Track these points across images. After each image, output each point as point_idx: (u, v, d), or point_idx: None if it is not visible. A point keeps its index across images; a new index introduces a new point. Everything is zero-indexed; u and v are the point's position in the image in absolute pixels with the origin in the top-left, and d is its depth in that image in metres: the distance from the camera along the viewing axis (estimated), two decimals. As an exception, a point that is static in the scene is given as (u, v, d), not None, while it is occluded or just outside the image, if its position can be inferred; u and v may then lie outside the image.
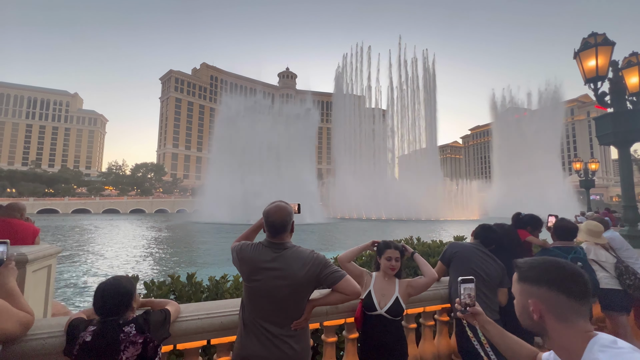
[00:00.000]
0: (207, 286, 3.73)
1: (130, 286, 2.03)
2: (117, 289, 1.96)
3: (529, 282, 1.24)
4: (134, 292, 2.04)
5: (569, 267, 1.18)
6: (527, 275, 1.25)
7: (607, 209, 17.86)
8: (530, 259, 1.31)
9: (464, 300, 1.77)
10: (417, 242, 5.97)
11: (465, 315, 1.75)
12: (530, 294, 1.22)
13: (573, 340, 1.12)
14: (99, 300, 1.93)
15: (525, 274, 1.26)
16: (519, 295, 1.28)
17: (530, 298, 1.21)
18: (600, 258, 4.37)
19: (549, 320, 1.17)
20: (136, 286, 2.10)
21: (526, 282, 1.25)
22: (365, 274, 2.98)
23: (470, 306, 1.74)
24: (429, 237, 7.25)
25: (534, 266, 1.24)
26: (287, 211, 2.28)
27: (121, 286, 1.98)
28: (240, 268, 2.28)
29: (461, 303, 1.77)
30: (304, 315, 2.22)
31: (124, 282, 2.01)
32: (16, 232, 3.85)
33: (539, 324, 1.19)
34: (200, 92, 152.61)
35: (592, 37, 5.75)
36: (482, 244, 3.47)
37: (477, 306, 1.74)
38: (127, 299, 1.97)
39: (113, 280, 2.00)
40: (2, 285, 2.06)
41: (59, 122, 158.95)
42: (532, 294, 1.21)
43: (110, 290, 1.94)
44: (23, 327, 1.96)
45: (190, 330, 2.40)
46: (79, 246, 23.75)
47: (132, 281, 2.08)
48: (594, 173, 23.72)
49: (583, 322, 1.13)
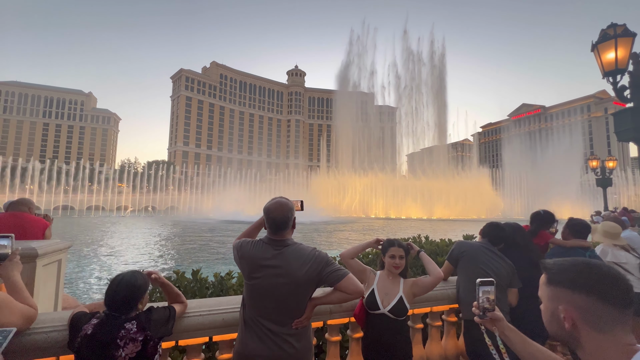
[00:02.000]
0: (212, 282, 3.74)
1: (144, 283, 2.03)
2: (132, 283, 1.96)
3: (560, 285, 1.08)
4: (146, 289, 2.04)
5: (608, 270, 1.03)
6: (559, 278, 1.09)
7: (625, 208, 17.28)
8: (560, 259, 1.15)
9: (482, 304, 1.63)
10: (425, 240, 5.86)
11: (484, 321, 1.62)
12: (562, 299, 1.06)
13: (612, 353, 0.97)
14: (111, 291, 1.93)
15: (556, 277, 1.10)
16: (548, 301, 1.12)
17: (561, 304, 1.06)
18: (620, 260, 4.07)
19: (583, 329, 1.01)
20: (149, 284, 2.09)
21: (557, 286, 1.09)
22: (369, 272, 2.92)
23: (490, 311, 1.61)
24: (438, 235, 7.12)
25: (566, 268, 1.09)
26: (288, 207, 2.23)
27: (136, 281, 1.98)
28: (240, 265, 2.25)
29: (479, 307, 1.64)
30: (305, 314, 2.17)
31: (139, 278, 2.01)
32: (25, 226, 3.92)
33: (571, 333, 1.04)
34: (210, 91, 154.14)
35: (612, 29, 5.50)
36: (490, 243, 3.37)
37: (497, 311, 1.61)
38: (137, 295, 1.97)
39: (130, 274, 2.00)
40: (7, 279, 2.08)
41: (74, 121, 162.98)
42: (564, 299, 1.06)
43: (124, 284, 1.94)
44: (26, 321, 1.98)
45: (192, 327, 2.39)
46: (91, 242, 24.33)
47: (146, 279, 2.08)
48: (611, 171, 22.96)
49: (624, 333, 0.98)
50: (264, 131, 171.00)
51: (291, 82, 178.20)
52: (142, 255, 18.65)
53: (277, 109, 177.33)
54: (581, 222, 3.95)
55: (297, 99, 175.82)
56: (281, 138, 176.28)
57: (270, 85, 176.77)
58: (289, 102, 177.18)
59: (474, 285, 3.23)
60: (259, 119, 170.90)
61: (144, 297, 2.02)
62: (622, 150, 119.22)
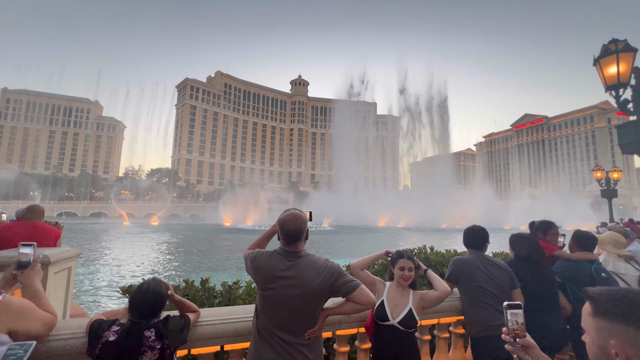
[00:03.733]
0: (219, 291, 3.77)
1: (166, 291, 2.11)
2: (158, 292, 2.02)
3: (610, 318, 1.00)
4: (167, 297, 2.11)
5: None
6: (609, 310, 1.01)
7: (631, 220, 17.10)
8: (607, 289, 1.09)
9: (512, 327, 1.52)
10: (430, 251, 5.86)
11: (515, 349, 1.50)
12: (613, 333, 0.99)
13: None
14: (137, 299, 1.98)
15: (606, 308, 1.02)
16: (596, 333, 1.04)
17: (612, 338, 0.98)
18: (619, 270, 4.10)
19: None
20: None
21: (606, 319, 1.01)
22: (379, 283, 2.95)
23: (521, 337, 1.50)
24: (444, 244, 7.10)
25: (617, 299, 1.02)
26: (302, 219, 2.29)
27: (162, 291, 2.05)
28: (254, 276, 2.29)
29: (510, 333, 1.53)
30: (317, 325, 2.21)
31: (163, 288, 2.08)
32: (39, 235, 4.00)
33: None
34: (214, 100, 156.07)
35: (613, 44, 5.59)
36: (476, 250, 3.44)
37: (528, 337, 1.52)
38: (162, 303, 2.04)
39: (155, 283, 2.06)
40: (28, 287, 2.14)
41: (80, 129, 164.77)
42: (616, 333, 0.98)
43: (152, 293, 2.00)
44: (47, 328, 2.03)
45: (204, 336, 2.42)
46: (97, 249, 24.35)
47: (167, 287, 2.14)
48: (616, 182, 22.81)
49: None
50: (267, 139, 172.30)
51: (294, 91, 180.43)
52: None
53: (281, 117, 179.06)
54: (587, 235, 3.94)
55: (300, 108, 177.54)
56: (284, 146, 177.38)
57: (274, 94, 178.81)
58: (292, 111, 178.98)
59: (475, 304, 3.25)
60: (262, 128, 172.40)
61: (164, 306, 2.08)
62: (626, 161, 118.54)
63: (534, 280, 3.41)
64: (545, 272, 3.48)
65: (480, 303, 3.13)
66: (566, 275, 3.69)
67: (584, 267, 3.67)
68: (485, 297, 3.12)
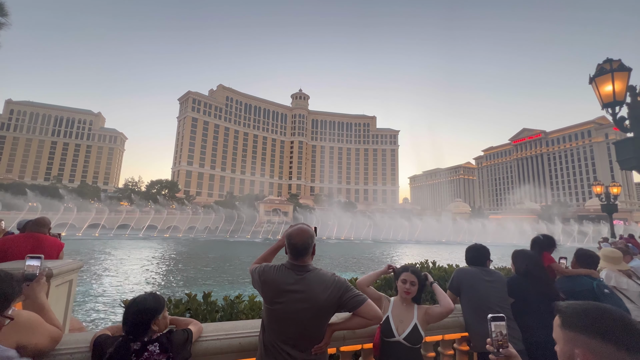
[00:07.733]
0: (222, 306, 3.74)
1: (156, 305, 2.05)
2: (142, 305, 2.00)
3: (575, 330, 1.15)
4: (158, 311, 2.04)
5: (620, 316, 1.11)
6: (574, 323, 1.16)
7: (632, 235, 17.02)
8: (573, 303, 1.23)
9: (495, 338, 1.62)
10: (432, 265, 5.84)
11: (498, 358, 1.61)
12: (577, 343, 1.13)
13: None
14: (124, 315, 2.00)
15: (572, 321, 1.17)
16: (564, 343, 1.19)
17: (577, 348, 1.13)
18: (621, 285, 4.10)
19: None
20: (164, 306, 2.10)
21: (572, 330, 1.16)
22: (384, 299, 2.95)
23: (504, 347, 1.61)
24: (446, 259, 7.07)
25: (581, 313, 1.16)
26: (309, 234, 2.31)
27: (145, 304, 2.01)
28: (262, 291, 2.29)
29: (493, 344, 1.63)
30: (324, 340, 2.20)
31: (149, 301, 2.04)
32: (44, 246, 4.00)
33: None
34: (216, 112, 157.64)
35: (608, 63, 5.76)
36: (481, 265, 3.49)
37: (511, 347, 1.62)
38: (147, 318, 1.98)
39: (142, 297, 2.06)
40: (34, 300, 2.14)
41: (82, 140, 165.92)
42: (580, 343, 1.12)
43: (134, 307, 1.99)
44: (53, 342, 2.02)
45: (209, 351, 2.40)
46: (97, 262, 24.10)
47: (161, 300, 2.10)
48: (616, 197, 22.81)
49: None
50: (267, 152, 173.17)
51: (295, 104, 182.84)
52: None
53: (281, 130, 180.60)
54: (588, 253, 3.95)
55: (301, 121, 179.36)
56: (284, 159, 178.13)
57: (275, 107, 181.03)
58: (292, 124, 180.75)
59: (479, 316, 3.26)
60: (263, 140, 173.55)
61: (157, 319, 2.02)
62: (625, 176, 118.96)
63: (536, 296, 3.40)
64: (546, 288, 3.47)
65: (485, 315, 3.13)
66: (567, 291, 3.69)
67: (585, 282, 3.67)
68: (490, 309, 3.12)
